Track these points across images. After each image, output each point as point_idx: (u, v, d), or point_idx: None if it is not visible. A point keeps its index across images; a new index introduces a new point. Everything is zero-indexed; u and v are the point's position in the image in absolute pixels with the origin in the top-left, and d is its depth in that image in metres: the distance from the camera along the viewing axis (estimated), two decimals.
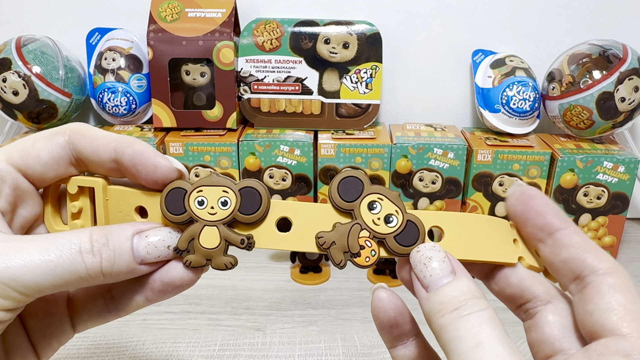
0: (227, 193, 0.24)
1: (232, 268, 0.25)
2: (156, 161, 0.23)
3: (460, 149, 0.57)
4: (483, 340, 0.20)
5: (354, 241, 0.24)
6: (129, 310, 0.26)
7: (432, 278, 0.22)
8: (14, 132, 0.63)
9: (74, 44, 0.64)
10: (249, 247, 0.24)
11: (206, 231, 0.24)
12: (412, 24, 0.64)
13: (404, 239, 0.24)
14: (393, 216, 0.24)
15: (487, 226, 0.25)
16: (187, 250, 0.24)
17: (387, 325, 0.26)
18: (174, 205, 0.24)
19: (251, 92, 0.60)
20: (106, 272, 0.22)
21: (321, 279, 0.56)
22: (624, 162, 0.56)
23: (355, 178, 0.24)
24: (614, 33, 0.63)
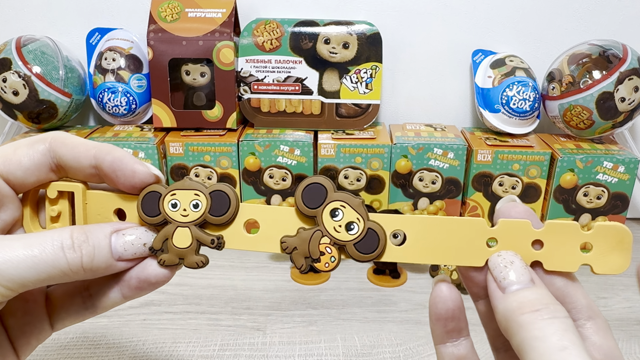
0: (198, 196, 0.26)
1: (203, 267, 0.26)
2: (134, 167, 0.25)
3: (460, 149, 0.57)
4: (568, 345, 0.20)
5: (314, 247, 0.25)
6: (106, 307, 0.27)
7: (512, 280, 0.23)
8: (14, 132, 0.63)
9: (74, 44, 0.64)
10: (219, 246, 0.26)
11: (179, 232, 0.26)
12: (412, 24, 0.64)
13: (363, 246, 0.25)
14: (354, 224, 0.25)
15: (456, 228, 0.25)
16: (162, 250, 0.26)
17: (444, 317, 0.26)
18: (150, 207, 0.26)
19: (251, 92, 0.60)
20: (86, 267, 0.23)
21: (321, 279, 0.56)
22: (624, 162, 0.56)
23: (319, 185, 0.25)
24: (614, 33, 0.63)
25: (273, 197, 0.60)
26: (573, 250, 0.24)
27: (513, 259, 0.24)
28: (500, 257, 0.24)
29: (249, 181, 0.59)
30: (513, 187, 0.58)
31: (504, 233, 0.25)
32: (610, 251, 0.24)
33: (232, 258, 0.59)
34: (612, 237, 0.24)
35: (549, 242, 0.24)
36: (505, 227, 0.24)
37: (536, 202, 0.59)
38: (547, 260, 0.24)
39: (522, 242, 0.24)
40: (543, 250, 0.24)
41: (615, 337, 0.22)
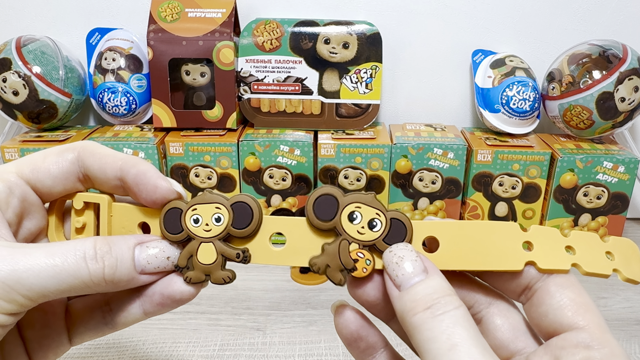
0: (219, 209, 0.25)
1: (230, 282, 0.26)
2: (157, 182, 0.24)
3: (460, 149, 0.57)
4: (457, 342, 0.19)
5: (346, 257, 0.24)
6: (126, 323, 0.26)
7: (404, 277, 0.22)
8: (14, 132, 0.63)
9: (74, 44, 0.64)
10: (245, 260, 0.25)
11: (203, 248, 0.25)
12: (412, 24, 0.64)
13: (392, 238, 0.24)
14: (376, 220, 0.24)
15: (490, 232, 0.24)
16: (187, 267, 0.25)
17: (353, 339, 0.26)
18: (172, 224, 0.25)
19: (251, 92, 0.60)
20: (108, 279, 0.23)
21: (321, 279, 0.56)
22: (624, 162, 0.56)
23: (327, 195, 0.24)
24: (614, 33, 0.63)
25: (273, 197, 0.60)
26: (601, 256, 0.25)
27: (404, 252, 0.23)
28: (391, 253, 0.23)
29: (249, 181, 0.59)
30: (513, 187, 0.58)
31: (538, 237, 0.25)
32: (630, 261, 0.25)
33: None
34: (627, 249, 0.25)
35: (579, 248, 0.25)
36: (538, 231, 0.25)
37: (536, 202, 0.59)
38: (584, 263, 0.25)
39: (556, 245, 0.25)
40: (577, 255, 0.25)
41: (615, 337, 0.22)
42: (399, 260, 0.23)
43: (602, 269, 0.25)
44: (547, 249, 0.24)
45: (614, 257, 0.25)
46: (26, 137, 0.58)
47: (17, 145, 0.57)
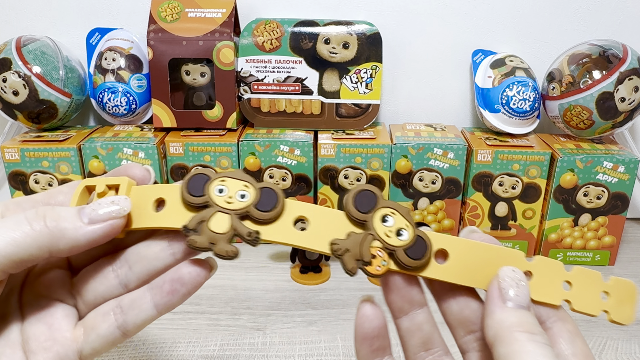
0: (247, 188, 0.25)
1: (231, 258, 0.25)
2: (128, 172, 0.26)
3: (460, 149, 0.57)
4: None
5: (366, 250, 0.25)
6: (138, 323, 0.26)
7: (518, 298, 0.24)
8: (14, 132, 0.63)
9: (74, 44, 0.64)
10: (255, 241, 0.25)
11: (218, 216, 0.25)
12: (412, 24, 0.64)
13: (413, 252, 0.25)
14: (404, 230, 0.25)
15: (496, 256, 0.26)
16: (195, 230, 0.25)
17: (371, 335, 0.26)
18: (195, 187, 0.25)
19: (251, 92, 0.60)
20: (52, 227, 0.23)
21: (321, 279, 0.56)
22: (624, 162, 0.56)
23: (370, 192, 0.26)
24: (614, 33, 0.63)
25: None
26: (595, 296, 0.26)
27: (524, 279, 0.25)
28: (513, 273, 0.25)
29: None
30: (513, 187, 0.58)
31: (539, 268, 0.26)
32: (623, 303, 0.26)
33: None
34: (625, 291, 0.26)
35: (576, 284, 0.26)
36: (541, 263, 0.26)
37: (536, 202, 0.59)
38: (575, 301, 0.26)
39: (555, 279, 0.26)
40: (572, 291, 0.26)
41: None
42: (519, 282, 0.24)
43: (591, 309, 0.26)
44: (545, 280, 0.26)
45: (610, 297, 0.26)
46: (26, 137, 0.58)
47: (17, 145, 0.57)
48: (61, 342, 0.25)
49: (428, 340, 0.27)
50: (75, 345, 0.25)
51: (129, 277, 0.26)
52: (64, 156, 0.57)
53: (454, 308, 0.26)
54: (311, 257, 0.56)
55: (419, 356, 0.27)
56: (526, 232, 0.60)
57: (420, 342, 0.27)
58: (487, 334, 0.23)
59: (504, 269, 0.25)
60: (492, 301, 0.24)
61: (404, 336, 0.27)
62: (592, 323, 0.49)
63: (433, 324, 0.27)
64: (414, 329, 0.26)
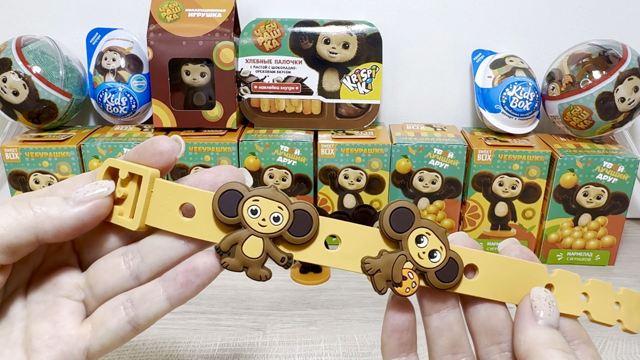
0: (281, 210, 0.25)
1: (265, 280, 0.25)
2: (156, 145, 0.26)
3: (460, 149, 0.57)
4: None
5: (397, 271, 0.25)
6: (149, 316, 0.25)
7: (549, 317, 0.25)
8: (14, 132, 0.63)
9: (74, 44, 0.64)
10: (288, 265, 0.25)
11: (251, 240, 0.25)
12: (412, 24, 0.64)
13: (444, 275, 0.25)
14: (437, 252, 0.25)
15: (522, 270, 0.26)
16: (228, 253, 0.25)
17: (401, 328, 0.26)
18: (227, 206, 0.24)
19: (251, 92, 0.60)
20: (37, 210, 0.23)
21: (321, 279, 0.56)
22: (624, 162, 0.56)
23: (408, 210, 0.25)
24: (614, 33, 0.63)
25: None
26: (610, 306, 0.27)
27: (555, 301, 0.25)
28: (546, 294, 0.25)
29: None
30: (513, 187, 0.58)
31: (560, 281, 0.27)
32: (633, 312, 0.28)
33: None
34: (633, 301, 0.28)
35: (593, 296, 0.27)
36: (561, 276, 0.27)
37: (536, 202, 0.59)
38: (593, 311, 0.27)
39: (574, 291, 0.27)
40: (589, 302, 0.27)
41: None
42: (551, 302, 0.25)
43: (607, 319, 0.27)
44: (565, 293, 0.26)
45: (621, 308, 0.27)
46: (26, 137, 0.58)
47: (17, 145, 0.57)
48: (66, 339, 0.25)
49: (456, 343, 0.27)
50: (82, 342, 0.25)
51: (141, 268, 0.26)
52: (64, 156, 0.57)
53: (481, 314, 0.27)
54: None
55: (444, 358, 0.27)
56: (526, 232, 0.60)
57: (448, 343, 0.27)
58: (519, 348, 0.24)
59: (536, 289, 0.26)
60: (524, 318, 0.25)
61: (432, 334, 0.27)
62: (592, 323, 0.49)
63: (463, 327, 0.27)
64: (444, 328, 0.27)
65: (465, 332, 0.27)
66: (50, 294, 0.26)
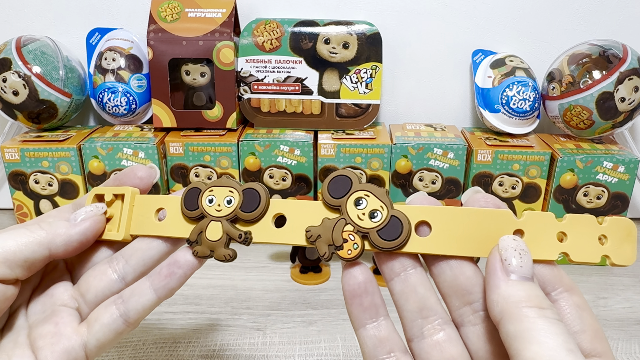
0: (232, 193, 0.27)
1: (230, 260, 0.27)
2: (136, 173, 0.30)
3: (460, 149, 0.57)
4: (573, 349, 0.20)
5: (337, 235, 0.25)
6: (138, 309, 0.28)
7: (521, 269, 0.23)
8: (14, 132, 0.63)
9: (74, 44, 0.64)
10: (246, 241, 0.27)
11: (212, 225, 0.27)
12: (412, 24, 0.64)
13: (386, 233, 0.25)
14: (378, 211, 0.25)
15: (482, 219, 0.24)
16: (197, 242, 0.27)
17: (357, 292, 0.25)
18: (190, 202, 0.28)
19: (251, 92, 0.60)
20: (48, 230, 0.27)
21: (321, 279, 0.56)
22: (624, 162, 0.56)
23: (344, 177, 0.26)
24: (614, 33, 0.63)
25: (273, 197, 0.60)
26: (593, 242, 0.25)
27: (526, 248, 0.23)
28: (515, 242, 0.23)
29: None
30: (513, 187, 0.58)
31: (530, 224, 0.24)
32: (622, 243, 0.25)
33: None
34: (622, 230, 0.25)
35: (571, 234, 0.25)
36: (531, 218, 0.24)
37: (536, 202, 0.59)
38: (572, 252, 0.25)
39: (548, 233, 0.24)
40: (568, 242, 0.25)
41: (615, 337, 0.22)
42: (522, 252, 0.23)
43: (590, 256, 0.25)
44: (538, 236, 0.24)
45: (607, 241, 0.25)
46: (26, 137, 0.58)
47: (17, 145, 0.57)
48: (67, 336, 0.27)
49: (424, 306, 0.25)
50: (81, 338, 0.27)
51: (126, 270, 0.28)
52: (64, 156, 0.57)
53: (447, 274, 0.25)
54: (311, 256, 0.56)
55: (416, 324, 0.25)
56: None
57: (416, 307, 0.25)
58: (493, 310, 0.22)
59: (504, 239, 0.23)
60: (495, 274, 0.23)
61: (398, 300, 0.26)
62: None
63: (429, 288, 0.25)
64: (408, 292, 0.25)
65: (434, 293, 0.25)
66: (48, 305, 0.29)
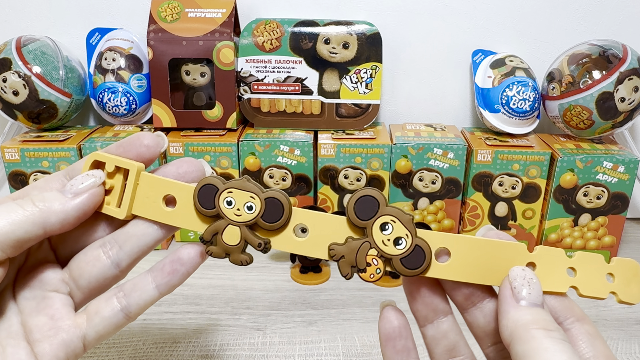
0: (253, 199, 0.26)
1: (246, 265, 0.27)
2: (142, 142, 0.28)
3: (460, 149, 0.57)
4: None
5: (362, 258, 0.26)
6: (140, 304, 0.27)
7: (531, 296, 0.24)
8: (14, 132, 0.63)
9: (74, 44, 0.64)
10: (265, 250, 0.27)
11: (229, 229, 0.27)
12: (412, 24, 0.64)
13: (409, 262, 0.25)
14: (402, 239, 0.25)
15: (499, 250, 0.26)
16: (210, 242, 0.27)
17: (392, 336, 0.27)
18: (205, 199, 0.27)
19: (251, 92, 0.60)
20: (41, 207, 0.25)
21: (321, 279, 0.56)
22: (624, 162, 0.56)
23: (372, 198, 0.26)
24: (614, 33, 0.63)
25: None
26: (601, 278, 0.26)
27: (534, 277, 0.25)
28: (524, 272, 0.25)
29: None
30: (513, 187, 0.58)
31: (542, 258, 0.26)
32: (629, 283, 0.26)
33: None
34: (629, 270, 0.26)
35: (581, 270, 0.26)
36: (543, 252, 0.26)
37: (536, 202, 0.59)
38: (581, 286, 0.26)
39: (559, 267, 0.26)
40: (577, 277, 0.26)
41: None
42: (530, 280, 0.24)
43: (598, 292, 0.26)
44: (549, 270, 0.26)
45: (615, 279, 0.26)
46: (26, 137, 0.58)
47: (17, 145, 0.57)
48: (65, 329, 0.26)
49: (453, 348, 0.27)
50: (79, 331, 0.26)
51: (120, 256, 0.27)
52: (64, 156, 0.57)
53: (480, 321, 0.27)
54: (311, 257, 0.56)
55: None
56: (526, 232, 0.60)
57: (445, 349, 0.27)
58: (503, 334, 0.23)
59: (514, 269, 0.25)
60: (506, 301, 0.24)
61: (429, 344, 0.27)
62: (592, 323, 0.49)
63: (458, 332, 0.27)
64: (439, 337, 0.27)
65: (462, 336, 0.27)
66: (38, 290, 0.27)
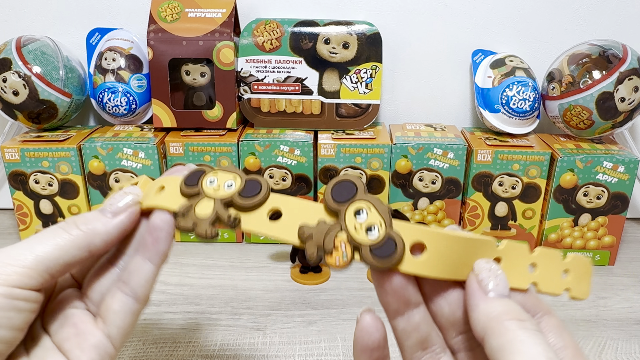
0: (235, 179, 0.27)
1: (211, 237, 0.26)
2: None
3: (460, 149, 0.57)
4: (553, 357, 0.21)
5: (329, 240, 0.24)
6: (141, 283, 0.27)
7: (498, 287, 0.24)
8: (14, 132, 0.63)
9: (74, 44, 0.64)
10: (234, 225, 0.26)
11: (203, 202, 0.27)
12: (412, 24, 0.64)
13: (379, 252, 0.24)
14: (375, 227, 0.24)
15: (471, 246, 0.25)
16: (182, 215, 0.27)
17: (370, 347, 0.26)
18: (191, 180, 0.27)
19: (251, 92, 0.60)
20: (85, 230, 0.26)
21: (321, 279, 0.56)
22: (624, 162, 0.56)
23: (350, 183, 0.25)
24: (614, 33, 0.63)
25: None
26: (558, 275, 0.26)
27: (499, 269, 0.25)
28: (489, 264, 0.25)
29: None
30: (513, 187, 0.58)
31: (507, 253, 0.26)
32: (581, 280, 0.27)
33: (232, 258, 0.59)
34: (582, 267, 0.27)
35: (541, 266, 0.26)
36: (509, 248, 0.26)
37: (536, 202, 0.59)
38: (540, 282, 0.26)
39: (522, 263, 0.26)
40: (537, 273, 0.26)
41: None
42: (496, 272, 0.24)
43: (555, 288, 0.27)
44: (513, 265, 0.26)
45: (569, 275, 0.27)
46: (26, 137, 0.58)
47: (17, 145, 0.57)
48: (90, 332, 0.27)
49: (425, 340, 0.26)
50: (102, 332, 0.27)
51: (125, 260, 0.28)
52: (64, 156, 0.57)
53: (445, 310, 0.26)
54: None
55: (416, 356, 0.26)
56: (526, 232, 0.60)
57: (417, 342, 0.26)
58: (476, 328, 0.23)
59: (478, 262, 0.25)
60: (474, 294, 0.24)
61: (400, 337, 0.27)
62: (592, 323, 0.49)
63: (429, 323, 0.26)
64: (411, 330, 0.26)
65: (434, 326, 0.26)
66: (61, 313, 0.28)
